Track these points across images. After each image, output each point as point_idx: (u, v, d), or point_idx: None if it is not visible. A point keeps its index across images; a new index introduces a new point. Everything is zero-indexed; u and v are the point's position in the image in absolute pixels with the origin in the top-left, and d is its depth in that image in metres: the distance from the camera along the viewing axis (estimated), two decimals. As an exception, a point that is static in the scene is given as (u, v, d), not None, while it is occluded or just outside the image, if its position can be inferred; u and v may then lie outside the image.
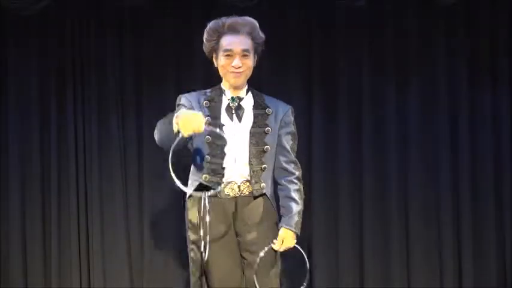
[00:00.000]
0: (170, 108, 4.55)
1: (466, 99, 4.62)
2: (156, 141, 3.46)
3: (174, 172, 3.17)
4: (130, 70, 4.64)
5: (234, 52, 3.49)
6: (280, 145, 3.58)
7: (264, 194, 3.54)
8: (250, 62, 3.53)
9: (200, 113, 3.21)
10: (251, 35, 3.53)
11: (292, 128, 3.61)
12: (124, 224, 4.61)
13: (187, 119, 3.16)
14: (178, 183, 3.23)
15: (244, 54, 3.49)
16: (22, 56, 4.63)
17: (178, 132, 3.19)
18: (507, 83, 4.63)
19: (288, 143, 3.59)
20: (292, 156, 3.60)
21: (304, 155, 4.42)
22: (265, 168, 3.52)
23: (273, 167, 3.57)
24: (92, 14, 4.61)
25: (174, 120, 3.23)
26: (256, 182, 3.51)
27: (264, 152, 3.51)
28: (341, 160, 4.61)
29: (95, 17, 4.61)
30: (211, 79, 4.51)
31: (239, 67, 3.50)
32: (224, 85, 3.61)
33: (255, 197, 3.53)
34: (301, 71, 4.63)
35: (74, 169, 4.59)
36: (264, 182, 3.53)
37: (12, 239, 4.61)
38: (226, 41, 3.50)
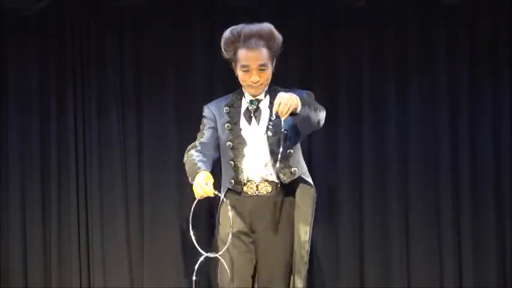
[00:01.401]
0: (170, 108, 4.58)
1: (466, 99, 4.62)
2: None
3: (194, 235, 3.40)
4: (130, 70, 4.64)
5: (251, 68, 3.53)
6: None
7: (298, 177, 3.55)
8: (268, 74, 3.59)
9: (206, 183, 3.42)
10: (267, 45, 3.55)
11: (304, 95, 3.57)
12: (124, 222, 4.61)
13: (196, 188, 3.42)
14: (197, 245, 3.41)
15: (261, 68, 3.52)
16: (22, 56, 4.63)
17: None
18: (507, 83, 4.63)
19: None
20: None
21: (304, 155, 4.42)
22: (290, 153, 3.56)
23: (299, 148, 3.60)
24: (92, 14, 4.60)
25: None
26: (283, 168, 3.54)
27: (285, 137, 3.51)
28: (341, 160, 4.61)
29: (95, 17, 4.61)
30: (211, 79, 4.54)
31: (257, 81, 3.56)
32: (244, 88, 3.67)
33: (278, 191, 3.57)
34: (301, 71, 4.63)
35: (74, 169, 4.59)
36: (295, 166, 3.56)
37: (11, 240, 4.62)
38: (242, 56, 3.53)
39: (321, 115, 3.56)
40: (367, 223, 4.60)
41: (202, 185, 3.40)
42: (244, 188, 3.58)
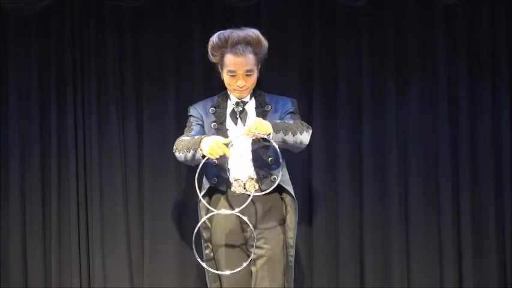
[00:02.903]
0: (169, 107, 4.59)
1: (466, 100, 4.61)
2: (179, 160, 3.68)
3: (199, 190, 3.55)
4: (130, 70, 4.64)
5: (238, 73, 3.61)
6: None
7: (277, 186, 3.60)
8: (253, 79, 3.68)
9: (221, 139, 3.45)
10: (254, 51, 3.63)
11: (291, 110, 3.72)
12: (124, 221, 4.62)
13: (212, 148, 3.40)
14: (204, 201, 3.61)
15: (247, 74, 3.59)
16: (22, 56, 4.63)
17: (204, 156, 3.46)
18: (507, 83, 4.63)
19: (288, 121, 3.67)
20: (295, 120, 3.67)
21: (304, 154, 4.42)
22: (272, 160, 3.61)
23: (282, 156, 3.63)
24: (92, 14, 4.61)
25: (199, 152, 3.48)
26: (265, 177, 3.57)
27: (268, 146, 3.60)
28: (341, 160, 4.61)
29: (95, 17, 4.61)
30: (210, 79, 4.54)
31: (243, 86, 3.63)
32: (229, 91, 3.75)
33: (263, 193, 3.61)
34: (301, 71, 4.63)
35: (74, 168, 4.60)
36: (275, 174, 3.62)
37: (12, 239, 4.62)
38: (229, 62, 3.62)
39: (301, 137, 3.60)
40: (367, 223, 4.60)
41: (219, 144, 3.42)
42: (232, 187, 3.64)
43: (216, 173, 3.63)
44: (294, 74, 4.61)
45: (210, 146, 3.41)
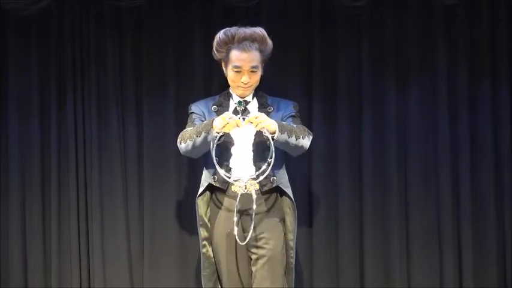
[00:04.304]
0: (169, 107, 4.59)
1: (466, 99, 4.62)
2: (184, 150, 3.70)
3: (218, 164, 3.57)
4: (130, 70, 4.64)
5: (243, 69, 3.63)
6: None
7: (276, 187, 3.66)
8: (257, 76, 3.73)
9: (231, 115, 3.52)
10: (260, 48, 3.67)
11: (293, 114, 3.78)
12: (123, 215, 4.62)
13: (226, 120, 3.47)
14: (222, 173, 3.57)
15: (252, 70, 3.61)
16: (22, 56, 4.63)
17: (217, 133, 3.52)
18: (507, 83, 4.63)
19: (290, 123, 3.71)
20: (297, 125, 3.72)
21: (305, 154, 4.42)
22: (270, 163, 3.60)
23: (282, 159, 3.65)
24: (92, 14, 4.61)
25: (213, 132, 3.52)
26: (265, 177, 3.57)
27: (269, 146, 3.58)
28: (341, 159, 4.61)
29: (95, 17, 4.61)
30: (210, 78, 4.55)
31: (248, 82, 3.64)
32: (232, 89, 3.76)
33: (263, 193, 3.63)
34: (301, 71, 4.64)
35: (74, 168, 4.60)
36: (275, 175, 3.64)
37: (11, 232, 4.63)
38: (235, 57, 3.65)
39: (303, 142, 3.68)
40: (367, 223, 4.60)
41: (231, 116, 3.49)
42: (233, 187, 3.66)
43: (217, 171, 3.63)
44: (294, 74, 4.61)
45: (223, 117, 3.48)
